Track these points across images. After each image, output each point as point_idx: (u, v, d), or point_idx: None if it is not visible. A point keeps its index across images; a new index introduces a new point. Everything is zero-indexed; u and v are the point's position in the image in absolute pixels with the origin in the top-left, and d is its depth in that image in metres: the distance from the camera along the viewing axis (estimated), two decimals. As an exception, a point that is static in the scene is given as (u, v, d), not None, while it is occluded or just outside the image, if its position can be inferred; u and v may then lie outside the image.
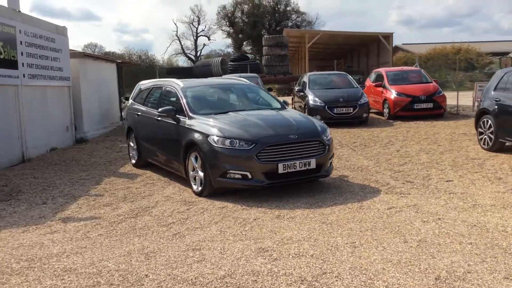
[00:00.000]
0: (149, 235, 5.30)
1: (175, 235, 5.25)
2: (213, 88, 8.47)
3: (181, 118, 7.48)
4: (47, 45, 12.11)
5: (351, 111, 13.91)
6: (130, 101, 10.34)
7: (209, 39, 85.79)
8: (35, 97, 11.55)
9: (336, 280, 3.87)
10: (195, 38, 77.88)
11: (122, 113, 18.58)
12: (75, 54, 14.23)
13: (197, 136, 6.92)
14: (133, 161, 9.64)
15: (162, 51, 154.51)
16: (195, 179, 7.14)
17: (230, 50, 74.91)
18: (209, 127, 6.89)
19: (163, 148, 8.17)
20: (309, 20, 72.34)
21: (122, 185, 7.91)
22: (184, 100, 7.68)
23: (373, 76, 17.71)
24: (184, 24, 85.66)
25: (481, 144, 9.78)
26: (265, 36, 24.23)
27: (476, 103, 16.56)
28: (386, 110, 15.56)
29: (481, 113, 9.80)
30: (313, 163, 6.71)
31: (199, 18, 75.42)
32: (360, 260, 4.28)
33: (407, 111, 14.96)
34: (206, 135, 6.77)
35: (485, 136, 9.59)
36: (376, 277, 3.91)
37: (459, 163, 8.55)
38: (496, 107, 9.21)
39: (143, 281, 4.05)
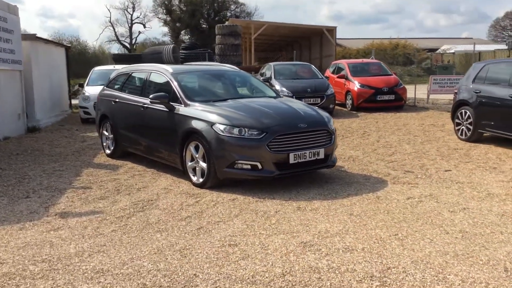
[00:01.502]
0: (170, 230, 4.86)
1: (199, 230, 4.85)
2: (206, 74, 8.01)
3: (176, 105, 7.00)
4: (-1, 24, 11.05)
5: (319, 101, 13.83)
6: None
7: (144, 27, 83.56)
8: (-12, 81, 10.53)
9: (406, 275, 3.67)
10: (129, 25, 75.54)
11: (71, 100, 17.54)
12: (26, 36, 13.16)
13: (198, 124, 6.49)
14: (108, 151, 8.99)
15: (91, 38, 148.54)
16: (193, 170, 6.71)
17: (167, 38, 73.30)
18: (212, 115, 6.47)
19: (149, 137, 7.63)
20: (248, 11, 72.15)
21: (107, 177, 7.32)
22: (178, 87, 7.19)
23: (332, 67, 17.77)
24: (118, 11, 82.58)
25: (458, 134, 9.99)
26: (219, 24, 23.65)
27: (429, 95, 17.11)
28: (349, 102, 15.65)
29: (459, 105, 10.00)
30: (321, 153, 6.49)
31: (133, 4, 73.12)
32: (415, 253, 4.11)
33: (370, 102, 15.13)
34: (210, 123, 6.36)
35: (463, 127, 9.80)
36: (444, 270, 3.75)
37: (445, 153, 8.65)
38: (476, 99, 9.41)
39: (194, 282, 3.65)
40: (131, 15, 74.52)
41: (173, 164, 7.20)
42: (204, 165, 6.46)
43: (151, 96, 7.17)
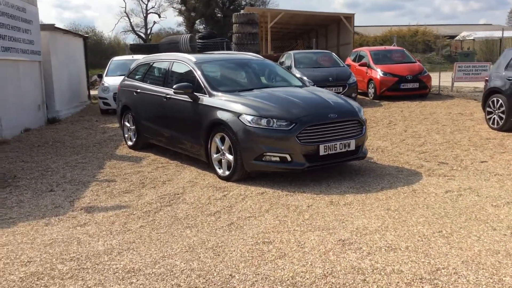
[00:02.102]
0: (200, 226, 4.66)
1: (230, 226, 4.64)
2: (229, 63, 7.76)
3: (200, 95, 6.78)
4: (18, 15, 10.92)
5: (341, 90, 13.50)
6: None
7: (159, 17, 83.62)
8: (8, 72, 10.42)
9: (458, 277, 3.42)
10: (144, 15, 75.54)
11: (90, 91, 17.44)
12: (44, 27, 13.00)
13: (224, 115, 6.27)
14: (130, 143, 8.83)
15: (106, 28, 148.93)
16: (219, 162, 6.51)
17: (182, 28, 73.15)
18: (239, 105, 6.24)
19: (172, 128, 7.43)
20: (263, 0, 71.51)
21: (131, 169, 7.15)
22: (201, 76, 6.97)
23: (353, 55, 17.39)
24: (133, 1, 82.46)
25: (490, 123, 9.64)
26: (236, 13, 23.33)
27: (454, 83, 16.65)
28: (371, 90, 15.30)
29: (490, 93, 9.63)
30: (352, 144, 6.23)
31: (149, -6, 72.88)
32: (464, 253, 3.85)
33: (394, 91, 14.75)
34: (237, 114, 6.13)
35: (495, 116, 9.44)
36: (499, 271, 3.49)
37: (477, 143, 8.33)
38: (509, 86, 9.03)
39: (231, 283, 3.45)
40: (146, 5, 74.47)
41: (197, 156, 7.00)
42: (230, 157, 6.24)
43: (174, 86, 6.96)
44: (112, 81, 13.91)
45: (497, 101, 9.36)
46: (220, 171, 6.47)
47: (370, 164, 7.08)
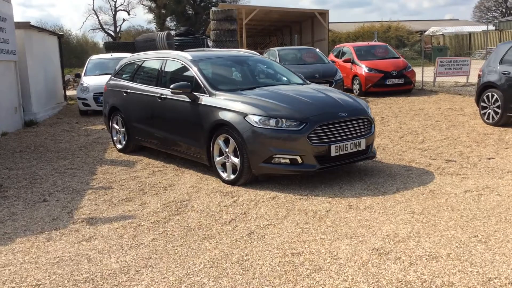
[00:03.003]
0: (218, 237, 4.33)
1: (251, 236, 4.33)
2: (227, 61, 7.41)
3: (199, 95, 6.43)
4: (-8, 12, 10.30)
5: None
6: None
7: (129, 14, 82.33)
8: (-17, 73, 9.82)
9: (514, 287, 3.19)
10: (113, 13, 74.22)
11: (66, 92, 16.79)
12: (19, 25, 12.34)
13: (228, 116, 5.93)
14: (119, 146, 8.40)
15: (73, 26, 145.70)
16: (222, 165, 6.18)
17: (152, 26, 72.18)
18: (244, 104, 5.92)
19: (168, 130, 7.05)
20: (234, -4, 70.98)
21: (126, 175, 6.75)
22: (200, 75, 6.61)
23: (336, 51, 17.23)
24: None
25: (484, 118, 9.56)
26: (214, 9, 22.88)
27: (436, 78, 16.66)
28: (356, 86, 15.16)
29: (484, 87, 9.55)
30: (363, 144, 5.99)
31: (117, -9, 71.56)
32: (509, 259, 3.63)
33: (379, 87, 14.65)
34: (242, 114, 5.80)
35: (490, 111, 9.37)
36: (554, 279, 3.28)
37: (477, 139, 8.21)
38: (505, 81, 8.95)
39: (271, 303, 3.14)
40: (115, 2, 73.26)
41: (197, 159, 6.66)
42: (236, 160, 5.92)
43: (172, 86, 6.58)
44: (91, 81, 13.39)
45: (492, 95, 9.28)
46: (224, 175, 6.14)
47: (376, 163, 6.86)
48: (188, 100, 6.56)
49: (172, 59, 7.30)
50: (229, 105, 6.03)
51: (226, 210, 5.06)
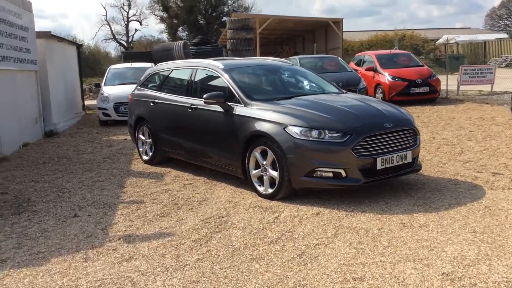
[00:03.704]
0: (266, 258, 4.03)
1: (302, 257, 4.02)
2: (260, 70, 7.14)
3: (233, 105, 6.16)
4: (14, 21, 10.15)
5: (352, 96, 12.96)
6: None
7: (141, 24, 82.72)
8: (5, 83, 9.65)
9: None
10: (126, 23, 74.64)
11: (85, 102, 16.64)
12: (40, 34, 12.21)
13: (266, 127, 5.65)
14: (146, 158, 8.15)
15: (85, 37, 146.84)
16: (259, 179, 5.89)
17: (164, 36, 72.53)
18: (283, 115, 5.63)
19: (199, 141, 6.78)
20: (246, 6, 71.17)
21: (156, 188, 6.48)
22: (233, 84, 6.34)
23: (356, 59, 16.93)
24: (114, 8, 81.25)
25: (522, 129, 9.19)
26: (230, 18, 22.73)
27: (460, 86, 16.30)
28: (379, 95, 14.82)
29: (522, 96, 9.19)
30: (409, 156, 5.68)
31: (129, 1, 71.97)
32: None
33: (403, 95, 14.31)
34: (282, 126, 5.51)
35: (528, 121, 8.99)
36: None
37: (518, 150, 7.85)
38: (545, 89, 8.60)
39: (344, 337, 2.82)
40: (127, 12, 73.69)
41: (230, 171, 6.38)
42: (274, 173, 5.62)
43: (205, 96, 6.32)
44: (111, 90, 13.20)
45: (531, 105, 8.91)
46: (261, 189, 5.84)
47: (418, 176, 6.53)
48: (221, 110, 6.29)
49: (202, 68, 7.05)
50: (266, 115, 5.75)
51: (269, 228, 4.75)
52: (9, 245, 4.59)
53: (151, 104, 7.76)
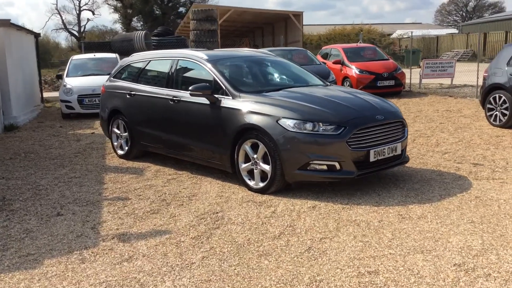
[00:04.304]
0: (274, 254, 3.93)
1: (310, 252, 3.94)
2: (245, 61, 6.99)
3: (220, 97, 6.00)
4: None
5: (322, 89, 12.99)
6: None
7: (93, 14, 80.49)
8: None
9: None
10: (77, 12, 72.39)
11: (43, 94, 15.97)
12: (-2, 22, 11.56)
13: (258, 119, 5.53)
14: (121, 152, 7.86)
15: (35, 26, 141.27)
16: (248, 172, 5.77)
17: (118, 26, 70.91)
18: (274, 107, 5.53)
19: (182, 135, 6.58)
20: (203, -3, 70.28)
21: (139, 184, 6.25)
22: (220, 76, 6.18)
23: (323, 52, 17.01)
24: (65, -3, 78.41)
25: (491, 120, 9.46)
26: (194, 9, 22.31)
27: (422, 79, 16.66)
28: (347, 88, 14.91)
29: (491, 89, 9.45)
30: (399, 148, 5.71)
31: (81, -10, 69.70)
32: None
33: (371, 88, 14.39)
34: (274, 118, 5.41)
35: (497, 113, 9.27)
36: None
37: (491, 141, 8.07)
38: (514, 82, 8.87)
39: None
40: (79, 1, 71.45)
41: (216, 165, 6.24)
42: (266, 167, 5.52)
43: (191, 87, 6.12)
44: (74, 82, 12.71)
45: (500, 97, 9.19)
46: (251, 183, 5.73)
47: (402, 167, 6.57)
48: (206, 102, 6.12)
49: (184, 59, 6.84)
50: (257, 108, 5.63)
51: (269, 222, 4.65)
52: (-6, 247, 4.28)
53: (128, 96, 7.48)
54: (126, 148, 7.71)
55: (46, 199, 5.72)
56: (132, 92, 7.40)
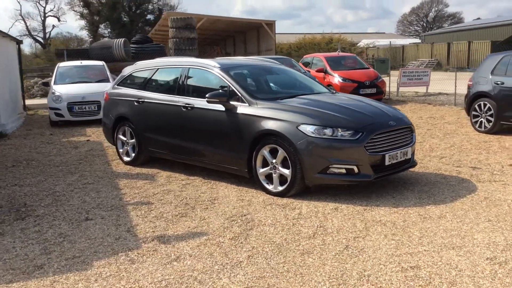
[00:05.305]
0: (315, 252, 4.17)
1: (349, 250, 4.19)
2: (256, 69, 7.21)
3: (236, 104, 6.21)
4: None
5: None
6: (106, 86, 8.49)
7: (59, 20, 79.17)
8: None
9: None
10: (42, 18, 71.11)
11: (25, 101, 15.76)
12: (-14, 28, 11.41)
13: (277, 125, 5.76)
14: (127, 159, 7.94)
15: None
16: (266, 177, 5.99)
17: (84, 33, 70.04)
18: (293, 114, 5.77)
19: (196, 141, 6.73)
20: (171, 5, 70.19)
21: (155, 189, 6.38)
22: (235, 83, 6.39)
23: (304, 61, 17.40)
24: (29, 3, 76.91)
25: (476, 127, 9.97)
26: (173, 17, 22.40)
27: (399, 88, 17.24)
28: (330, 96, 15.31)
29: (476, 97, 9.97)
30: (409, 152, 6.05)
31: (47, -4, 68.43)
32: None
33: (354, 96, 14.88)
34: (294, 124, 5.66)
35: (482, 119, 9.79)
36: None
37: (481, 146, 8.54)
38: (498, 90, 9.40)
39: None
40: (44, 8, 70.22)
41: (231, 170, 6.43)
42: (286, 171, 5.75)
43: (208, 95, 6.31)
44: (63, 89, 12.65)
45: (485, 104, 9.70)
46: (270, 187, 5.95)
47: (406, 171, 6.89)
48: (221, 109, 6.32)
49: (196, 67, 7.01)
50: (275, 114, 5.86)
51: (298, 223, 4.88)
52: (36, 251, 4.37)
53: (135, 103, 7.59)
54: (133, 154, 7.79)
55: (67, 205, 5.78)
56: (140, 100, 7.51)
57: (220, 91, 6.33)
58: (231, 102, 6.24)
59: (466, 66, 38.39)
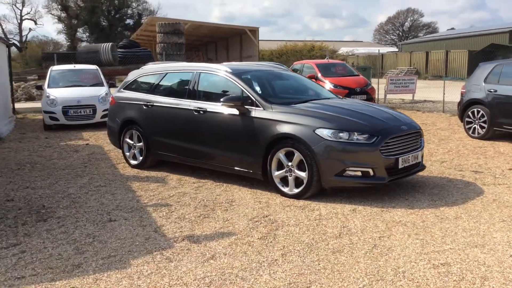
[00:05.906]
0: (346, 250, 4.32)
1: (377, 249, 4.36)
2: (266, 74, 7.36)
3: (251, 108, 6.35)
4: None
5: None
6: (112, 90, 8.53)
7: (35, 23, 78.11)
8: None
9: None
10: (19, 21, 70.08)
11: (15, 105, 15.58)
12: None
13: (293, 129, 5.91)
14: (134, 162, 7.98)
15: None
16: (282, 179, 6.14)
17: (62, 36, 69.27)
18: (310, 118, 5.94)
19: (207, 144, 6.83)
20: (151, 10, 70.07)
21: (169, 191, 6.46)
22: (248, 88, 6.53)
23: (293, 68, 17.63)
24: (5, 6, 75.83)
25: (469, 133, 10.30)
26: (161, 22, 22.42)
27: (386, 95, 17.60)
28: (321, 102, 15.56)
29: (469, 104, 10.31)
30: (419, 156, 6.28)
31: (23, -1, 67.50)
32: None
33: (344, 103, 15.15)
34: (311, 128, 5.82)
35: (475, 126, 10.12)
36: None
37: (477, 151, 8.84)
38: (492, 97, 9.74)
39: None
40: (21, 10, 69.22)
41: (245, 174, 6.53)
42: (302, 174, 5.90)
43: (222, 99, 6.44)
44: (58, 93, 12.58)
45: (478, 111, 10.04)
46: (285, 189, 6.08)
47: (413, 175, 7.12)
48: (235, 113, 6.44)
49: (207, 72, 7.12)
50: (291, 118, 6.01)
51: (322, 224, 5.03)
52: (69, 251, 4.41)
53: (144, 107, 7.64)
54: (140, 158, 7.84)
55: (86, 206, 5.82)
56: (149, 103, 7.57)
57: (235, 95, 6.46)
58: (246, 106, 6.36)
59: (444, 74, 39.28)
